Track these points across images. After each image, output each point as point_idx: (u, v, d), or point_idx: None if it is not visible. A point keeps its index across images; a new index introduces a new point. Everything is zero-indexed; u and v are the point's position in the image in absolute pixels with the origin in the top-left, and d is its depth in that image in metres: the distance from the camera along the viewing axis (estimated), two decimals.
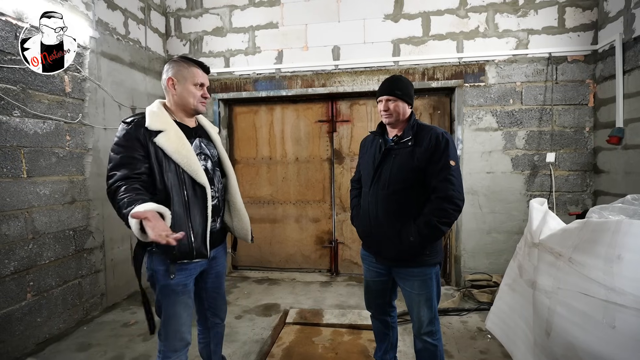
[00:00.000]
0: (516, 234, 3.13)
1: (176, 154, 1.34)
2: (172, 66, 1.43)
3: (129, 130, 1.33)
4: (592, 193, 3.10)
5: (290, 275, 3.67)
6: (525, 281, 1.94)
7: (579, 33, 3.05)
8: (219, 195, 1.53)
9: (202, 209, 1.40)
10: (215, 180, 1.52)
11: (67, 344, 2.34)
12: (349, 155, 3.61)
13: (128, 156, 1.30)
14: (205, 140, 1.54)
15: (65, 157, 2.55)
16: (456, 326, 2.53)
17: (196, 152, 1.44)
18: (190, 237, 1.36)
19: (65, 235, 2.54)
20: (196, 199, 1.38)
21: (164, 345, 1.43)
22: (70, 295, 2.58)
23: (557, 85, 3.09)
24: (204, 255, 1.41)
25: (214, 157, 1.54)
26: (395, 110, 1.56)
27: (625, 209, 1.64)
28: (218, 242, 1.57)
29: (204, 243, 1.41)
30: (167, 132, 1.35)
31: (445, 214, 1.45)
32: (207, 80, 1.49)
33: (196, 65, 1.45)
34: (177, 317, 1.41)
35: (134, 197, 1.19)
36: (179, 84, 1.42)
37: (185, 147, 1.37)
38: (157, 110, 1.40)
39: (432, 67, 3.27)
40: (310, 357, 2.15)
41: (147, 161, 1.32)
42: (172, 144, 1.34)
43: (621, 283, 1.27)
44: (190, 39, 3.71)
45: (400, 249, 1.51)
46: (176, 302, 1.40)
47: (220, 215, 1.55)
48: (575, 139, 3.10)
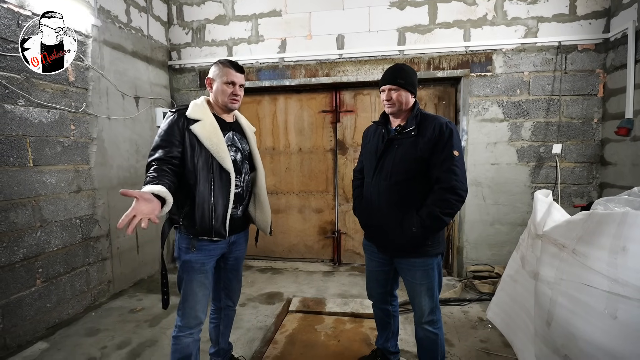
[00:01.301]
0: (519, 226, 3.12)
1: (207, 140, 1.48)
2: (213, 68, 1.60)
3: (172, 118, 1.50)
4: (598, 185, 3.06)
5: (294, 265, 3.71)
6: (528, 272, 1.94)
7: (591, 21, 2.97)
8: (243, 185, 1.64)
9: (225, 193, 1.51)
10: (242, 172, 1.63)
11: (76, 329, 2.41)
12: (352, 146, 3.59)
13: (166, 140, 1.45)
14: (239, 135, 1.68)
15: (70, 146, 2.57)
16: (457, 316, 2.55)
17: (228, 143, 1.57)
18: (212, 217, 1.49)
19: (72, 223, 2.58)
20: (221, 183, 1.50)
21: (180, 320, 1.57)
22: (79, 282, 2.63)
23: (566, 75, 3.03)
24: (222, 235, 1.52)
25: (244, 151, 1.67)
26: (398, 100, 1.54)
27: (631, 201, 1.62)
28: (239, 228, 1.68)
29: (224, 224, 1.52)
30: (203, 121, 1.50)
31: (448, 205, 1.44)
32: (239, 79, 1.58)
33: (230, 65, 1.58)
34: (194, 295, 1.54)
35: (153, 178, 1.32)
36: (214, 82, 1.59)
37: (217, 136, 1.50)
38: (199, 103, 1.57)
39: (437, 56, 3.21)
40: (312, 344, 2.19)
41: (182, 146, 1.47)
42: (205, 132, 1.48)
43: (625, 274, 1.27)
44: (193, 27, 3.67)
45: (402, 239, 1.51)
46: (194, 280, 1.54)
47: (243, 204, 1.66)
48: (582, 131, 3.05)
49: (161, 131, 1.48)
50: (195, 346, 1.59)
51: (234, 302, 1.82)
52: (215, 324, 1.81)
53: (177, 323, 1.58)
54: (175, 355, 1.56)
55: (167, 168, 1.39)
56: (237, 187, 1.58)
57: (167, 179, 1.33)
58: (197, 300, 1.55)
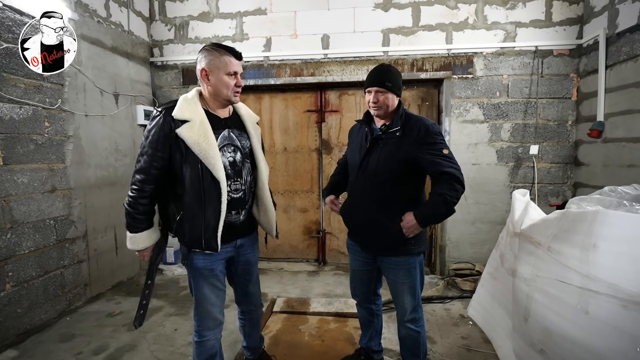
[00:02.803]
0: (499, 224, 3.21)
1: (196, 145, 1.34)
2: (204, 56, 1.40)
3: (158, 121, 1.37)
4: (573, 185, 3.19)
5: (278, 265, 3.68)
6: (506, 269, 2.00)
7: (565, 27, 3.09)
8: (245, 187, 1.52)
9: (217, 203, 1.38)
10: (244, 173, 1.51)
11: (49, 335, 2.31)
12: (337, 145, 3.60)
13: (151, 146, 1.36)
14: (237, 131, 1.52)
15: (45, 144, 2.47)
16: (440, 313, 2.60)
17: (224, 143, 1.44)
18: (202, 229, 1.39)
19: (45, 224, 2.47)
20: (212, 192, 1.37)
21: (198, 325, 1.52)
22: (52, 285, 2.53)
23: (542, 79, 3.14)
24: (213, 248, 1.42)
25: (244, 149, 1.52)
26: (385, 102, 1.53)
27: (602, 200, 1.70)
28: (245, 232, 1.60)
29: (215, 236, 1.41)
30: (192, 122, 1.35)
31: (457, 193, 1.41)
32: (240, 68, 1.45)
33: (228, 52, 1.40)
34: (207, 299, 1.50)
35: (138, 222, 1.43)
36: (212, 74, 1.40)
37: (206, 140, 1.36)
38: (190, 97, 1.41)
39: (421, 57, 3.26)
40: (296, 345, 2.18)
41: (169, 153, 1.37)
42: (194, 135, 1.34)
43: (595, 271, 1.32)
44: (176, 24, 3.59)
45: (385, 238, 1.53)
46: (204, 285, 1.49)
47: (245, 208, 1.55)
48: (558, 132, 3.17)
49: (147, 135, 1.37)
50: (218, 344, 1.59)
51: (256, 305, 1.79)
52: (242, 324, 1.82)
53: (195, 328, 1.53)
54: (200, 358, 1.54)
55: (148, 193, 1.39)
56: (237, 191, 1.48)
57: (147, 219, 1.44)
58: (212, 303, 1.51)
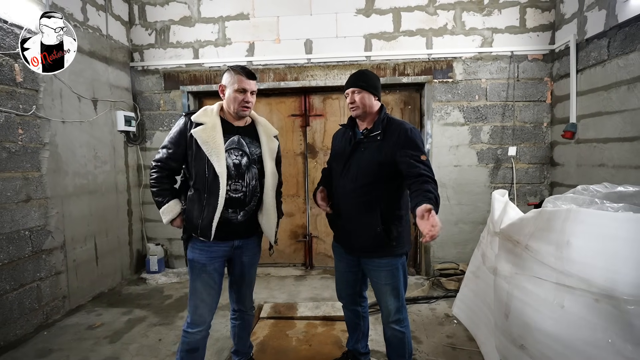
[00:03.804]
0: (481, 224, 3.28)
1: (205, 144, 1.54)
2: (225, 74, 1.65)
3: (182, 121, 1.62)
4: (549, 184, 3.31)
5: (265, 270, 3.65)
6: (488, 268, 2.06)
7: (539, 33, 3.23)
8: (246, 190, 1.63)
9: (216, 196, 1.54)
10: (247, 176, 1.63)
11: (24, 351, 2.21)
12: (322, 149, 3.62)
13: (171, 142, 1.61)
14: (249, 139, 1.67)
15: (18, 152, 2.38)
16: (425, 313, 2.64)
17: (231, 146, 1.61)
18: (200, 217, 1.56)
19: (20, 235, 2.37)
20: (214, 187, 1.54)
21: (189, 316, 1.64)
22: (28, 299, 2.42)
23: (518, 83, 3.26)
24: (206, 236, 1.57)
25: (252, 155, 1.66)
26: (362, 102, 1.58)
27: (575, 198, 1.77)
28: (244, 234, 1.69)
29: (209, 226, 1.55)
30: (205, 125, 1.56)
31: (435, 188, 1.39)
32: (251, 86, 1.61)
33: (242, 72, 1.60)
34: (197, 293, 1.62)
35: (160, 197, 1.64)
36: (226, 90, 1.63)
37: (214, 140, 1.55)
38: (211, 108, 1.64)
39: (402, 62, 3.33)
40: (284, 351, 2.17)
41: (186, 148, 1.59)
42: (204, 135, 1.54)
43: (569, 267, 1.38)
44: (156, 28, 3.54)
45: (368, 241, 1.54)
46: (197, 279, 1.62)
47: (245, 209, 1.65)
48: (534, 134, 3.29)
49: (171, 132, 1.63)
50: (202, 342, 1.67)
51: (246, 307, 1.84)
52: (233, 324, 1.87)
53: (187, 318, 1.65)
54: (183, 347, 1.63)
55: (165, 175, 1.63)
56: (237, 191, 1.59)
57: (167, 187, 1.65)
58: (202, 299, 1.62)
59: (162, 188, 1.64)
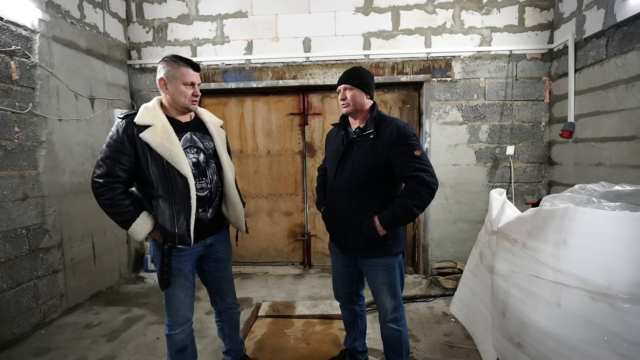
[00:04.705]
0: (479, 223, 3.29)
1: (160, 147, 1.42)
2: (163, 66, 1.49)
3: (121, 126, 1.44)
4: (547, 183, 3.32)
5: (263, 269, 3.65)
6: (486, 267, 2.06)
7: (537, 32, 3.23)
8: (211, 186, 1.59)
9: (186, 199, 1.47)
10: (209, 172, 1.59)
11: (22, 350, 2.20)
12: (320, 148, 3.61)
13: (115, 151, 1.43)
14: (200, 133, 1.60)
15: (15, 150, 2.36)
16: (423, 312, 2.64)
17: (186, 145, 1.52)
18: (175, 225, 1.47)
19: (16, 234, 2.36)
20: (181, 190, 1.46)
21: (168, 320, 1.61)
22: (25, 297, 2.42)
23: (516, 82, 3.26)
24: (186, 242, 1.50)
25: (208, 150, 1.60)
26: (353, 99, 1.56)
27: (573, 197, 1.77)
28: (214, 230, 1.66)
29: (187, 231, 1.49)
30: (154, 126, 1.44)
31: (420, 197, 1.44)
32: (197, 79, 1.53)
33: (185, 64, 1.49)
34: (177, 297, 1.58)
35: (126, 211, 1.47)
36: (170, 84, 1.49)
37: (169, 141, 1.44)
38: (150, 106, 1.50)
39: (401, 61, 3.33)
40: (282, 349, 2.17)
41: (134, 155, 1.45)
42: (157, 137, 1.43)
43: (566, 265, 1.38)
44: (154, 26, 3.53)
45: (362, 241, 1.53)
46: (174, 284, 1.55)
47: (212, 205, 1.62)
48: (532, 133, 3.29)
49: (109, 140, 1.44)
50: (189, 338, 1.64)
51: (231, 304, 1.81)
52: (220, 327, 1.84)
53: (166, 322, 1.62)
54: (171, 350, 1.61)
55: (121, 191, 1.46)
56: (203, 189, 1.55)
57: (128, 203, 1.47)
58: (181, 302, 1.59)
59: (123, 205, 1.45)
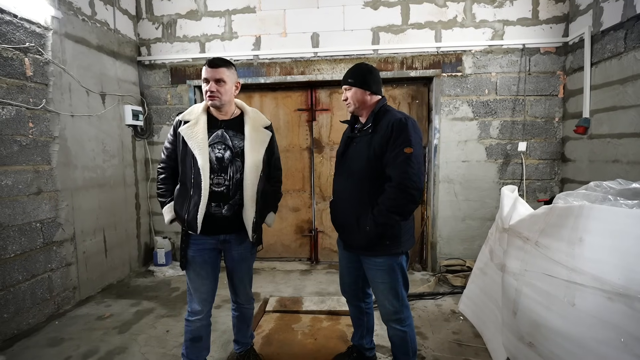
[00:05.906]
0: (489, 221, 3.25)
1: (189, 140, 1.58)
2: None
3: (174, 122, 1.69)
4: (560, 181, 3.25)
5: (271, 265, 3.67)
6: (496, 265, 2.03)
7: (552, 25, 3.14)
8: (229, 183, 1.62)
9: (199, 189, 1.57)
10: (230, 170, 1.63)
11: (37, 339, 2.26)
12: (328, 144, 3.60)
13: (168, 142, 1.71)
14: (233, 132, 1.66)
15: (29, 145, 2.41)
16: (431, 309, 2.62)
17: (215, 141, 1.62)
18: (188, 210, 1.60)
19: (31, 227, 2.42)
20: (196, 180, 1.57)
21: (188, 305, 1.71)
22: (40, 289, 2.48)
23: (529, 77, 3.19)
24: (193, 229, 1.59)
25: (235, 148, 1.64)
26: (353, 98, 1.57)
27: (588, 195, 1.73)
28: (229, 229, 1.67)
29: (195, 219, 1.57)
30: (191, 122, 1.62)
31: (395, 204, 1.39)
32: (212, 74, 1.57)
33: (206, 62, 1.61)
34: (192, 282, 1.68)
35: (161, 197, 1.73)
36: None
37: (198, 136, 1.58)
38: (197, 105, 1.69)
39: (410, 56, 3.28)
40: (289, 344, 2.18)
41: (175, 146, 1.67)
42: (189, 132, 1.59)
43: (581, 264, 1.35)
44: (163, 22, 3.54)
45: (359, 238, 1.50)
46: (190, 270, 1.67)
47: (229, 203, 1.64)
48: (545, 129, 3.22)
49: (168, 134, 1.73)
50: (204, 330, 1.72)
51: (242, 301, 1.86)
52: (233, 314, 1.91)
53: (187, 307, 1.71)
54: (187, 335, 1.70)
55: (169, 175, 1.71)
56: (219, 185, 1.60)
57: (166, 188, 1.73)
58: (195, 289, 1.67)
59: (166, 189, 1.71)
